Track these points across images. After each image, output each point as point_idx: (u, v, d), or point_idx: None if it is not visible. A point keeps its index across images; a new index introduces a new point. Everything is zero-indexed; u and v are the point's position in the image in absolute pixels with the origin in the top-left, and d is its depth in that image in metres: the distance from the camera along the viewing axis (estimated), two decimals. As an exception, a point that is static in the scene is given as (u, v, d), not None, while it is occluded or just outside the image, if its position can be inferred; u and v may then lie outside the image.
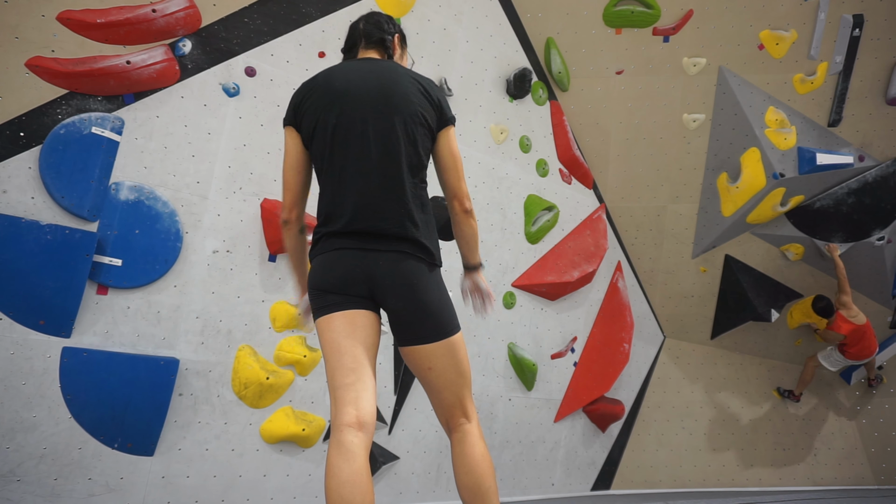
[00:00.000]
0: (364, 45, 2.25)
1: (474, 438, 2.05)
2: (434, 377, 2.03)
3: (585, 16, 5.80)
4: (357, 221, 1.98)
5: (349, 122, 2.02)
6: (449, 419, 2.11)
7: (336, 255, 1.99)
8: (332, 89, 2.06)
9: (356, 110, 2.03)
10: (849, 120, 6.15)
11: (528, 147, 5.71)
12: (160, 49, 3.69)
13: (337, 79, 2.09)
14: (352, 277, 1.97)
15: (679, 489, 6.51)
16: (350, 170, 2.01)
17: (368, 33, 2.25)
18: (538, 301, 5.73)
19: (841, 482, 6.95)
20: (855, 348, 6.47)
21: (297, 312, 2.11)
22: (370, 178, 2.00)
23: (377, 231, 1.98)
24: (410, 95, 2.06)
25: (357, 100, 2.04)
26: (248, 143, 4.03)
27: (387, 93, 2.04)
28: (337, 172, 2.03)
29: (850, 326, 6.35)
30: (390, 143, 2.01)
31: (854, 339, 6.43)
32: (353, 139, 2.02)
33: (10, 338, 3.22)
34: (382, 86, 2.05)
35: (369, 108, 2.03)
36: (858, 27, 5.86)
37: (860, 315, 6.41)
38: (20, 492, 3.20)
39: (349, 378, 1.89)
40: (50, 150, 3.33)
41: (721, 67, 5.93)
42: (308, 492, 4.18)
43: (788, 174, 5.82)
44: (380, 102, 2.03)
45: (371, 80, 2.07)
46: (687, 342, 6.89)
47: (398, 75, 2.10)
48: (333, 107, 2.04)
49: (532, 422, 5.61)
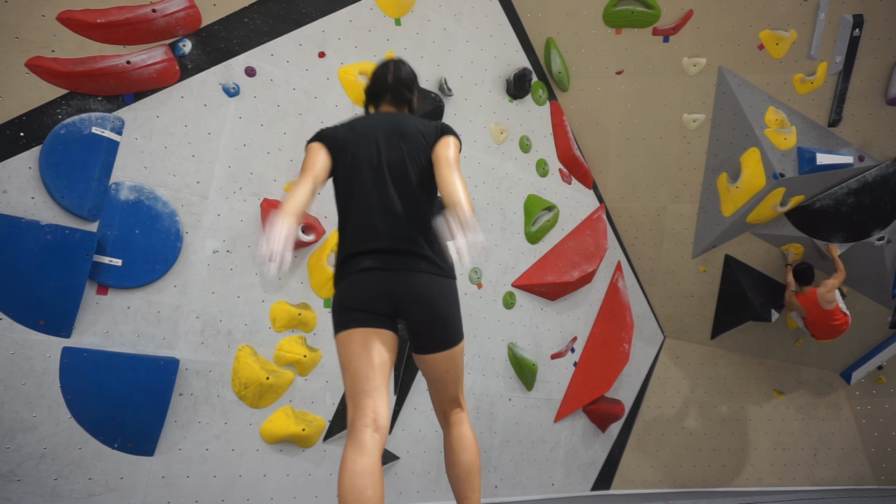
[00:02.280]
0: (389, 100, 2.58)
1: (468, 424, 2.39)
2: (447, 377, 2.32)
3: (585, 16, 5.80)
4: (378, 242, 2.21)
5: (367, 154, 2.33)
6: (448, 410, 2.40)
7: (360, 276, 2.19)
8: (355, 130, 2.42)
9: (373, 145, 2.34)
10: (849, 120, 6.15)
11: (528, 147, 5.71)
12: (160, 49, 3.69)
13: (360, 124, 2.47)
14: (376, 296, 2.17)
15: (679, 489, 6.51)
16: (370, 197, 2.27)
17: (397, 96, 2.57)
18: (538, 301, 5.73)
19: (841, 482, 6.95)
20: (822, 335, 6.37)
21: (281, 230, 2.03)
22: (388, 204, 2.24)
23: (398, 251, 2.19)
24: (417, 133, 2.37)
25: (374, 138, 2.36)
26: (248, 143, 4.03)
27: (399, 132, 2.37)
28: (357, 200, 2.30)
29: (816, 307, 6.16)
30: (403, 171, 2.29)
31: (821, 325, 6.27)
32: (370, 169, 2.30)
33: (10, 338, 3.22)
34: (395, 126, 2.40)
35: (384, 144, 2.33)
36: (858, 27, 5.86)
37: (833, 301, 6.12)
38: (20, 492, 3.20)
39: (368, 386, 2.09)
40: (50, 150, 3.33)
41: (721, 67, 5.93)
42: (308, 492, 4.18)
43: (788, 174, 5.82)
44: (393, 139, 2.35)
45: (387, 124, 2.42)
46: (687, 342, 6.89)
47: (409, 120, 2.45)
48: (356, 143, 2.36)
49: (532, 422, 5.61)
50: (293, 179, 4.19)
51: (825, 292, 6.08)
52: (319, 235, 4.18)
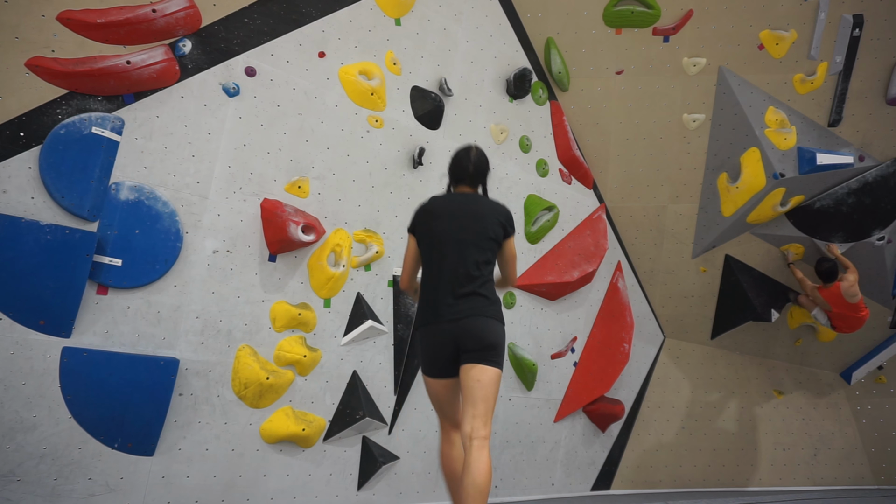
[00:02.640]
0: (468, 182, 3.14)
1: (488, 451, 2.76)
2: (479, 388, 2.77)
3: (585, 16, 5.80)
4: (445, 301, 2.86)
5: (444, 233, 2.96)
6: (473, 429, 2.76)
7: (432, 333, 2.89)
8: (437, 212, 3.04)
9: (451, 225, 2.96)
10: (849, 120, 6.15)
11: (528, 147, 5.71)
12: (160, 49, 3.69)
13: (442, 205, 3.07)
14: (444, 346, 2.85)
15: (679, 489, 6.51)
16: (445, 266, 2.90)
17: (475, 179, 3.15)
18: (538, 301, 5.73)
19: (841, 482, 6.96)
20: (847, 329, 6.47)
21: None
22: (455, 272, 2.88)
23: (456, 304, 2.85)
24: (488, 219, 2.99)
25: (454, 220, 2.98)
26: (248, 143, 4.03)
27: (474, 216, 2.99)
28: (435, 266, 2.94)
29: (841, 301, 6.24)
30: (470, 249, 2.91)
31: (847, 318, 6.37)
32: (446, 244, 2.93)
33: (10, 338, 3.22)
34: (470, 211, 3.01)
35: (458, 225, 2.96)
36: (858, 27, 5.86)
37: (858, 294, 6.23)
38: (20, 492, 3.20)
39: (449, 410, 2.95)
40: (50, 150, 3.33)
41: (721, 67, 5.94)
42: (308, 492, 4.18)
43: (788, 174, 5.82)
44: (468, 222, 2.97)
45: (466, 207, 3.04)
46: (687, 342, 6.89)
47: (484, 206, 3.06)
48: (438, 222, 2.99)
49: (532, 422, 5.62)
50: (293, 180, 4.20)
51: (848, 286, 6.17)
52: (319, 235, 4.18)
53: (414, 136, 4.88)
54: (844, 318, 6.39)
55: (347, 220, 4.48)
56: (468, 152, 3.16)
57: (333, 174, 4.42)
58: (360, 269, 4.53)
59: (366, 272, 4.56)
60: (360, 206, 4.55)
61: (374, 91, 4.60)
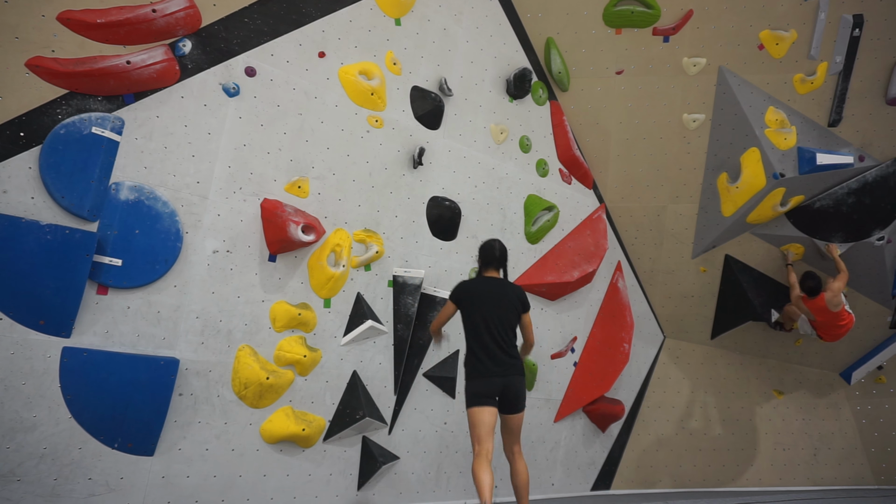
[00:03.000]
0: (494, 267, 4.07)
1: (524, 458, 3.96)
2: (515, 425, 3.89)
3: (585, 16, 5.80)
4: (492, 359, 3.81)
5: (482, 309, 3.89)
6: (513, 447, 3.91)
7: (485, 380, 3.79)
8: (476, 291, 3.96)
9: (486, 304, 3.89)
10: (849, 120, 6.15)
11: (528, 147, 5.71)
12: (160, 49, 3.69)
13: (479, 286, 4.00)
14: (492, 391, 3.79)
15: (679, 489, 6.51)
16: (484, 335, 3.84)
17: (501, 263, 4.09)
18: (538, 301, 5.73)
19: (841, 482, 6.96)
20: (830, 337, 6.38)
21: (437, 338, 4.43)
22: (494, 338, 3.84)
23: (502, 362, 3.82)
24: (511, 299, 3.96)
25: (488, 299, 3.91)
26: (248, 143, 4.03)
27: (501, 296, 3.94)
28: (477, 336, 3.86)
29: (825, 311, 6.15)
30: (503, 321, 3.89)
31: (830, 327, 6.29)
32: (486, 319, 3.86)
33: (10, 338, 3.22)
34: (500, 293, 3.95)
35: (494, 304, 3.90)
36: (858, 27, 5.86)
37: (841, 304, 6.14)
38: (20, 492, 3.20)
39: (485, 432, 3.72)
40: (50, 150, 3.33)
41: (721, 67, 5.93)
42: (308, 492, 4.18)
43: (788, 174, 5.82)
44: (498, 300, 3.91)
45: (495, 290, 3.97)
46: (687, 342, 6.89)
47: (507, 288, 4.00)
48: (476, 301, 3.92)
49: (532, 422, 5.62)
50: (293, 180, 4.20)
51: (832, 297, 6.10)
52: (319, 235, 4.18)
53: (414, 136, 4.88)
54: (827, 328, 6.34)
55: (347, 220, 4.48)
56: (494, 243, 4.12)
57: (333, 174, 4.42)
58: (360, 269, 4.53)
59: (366, 272, 4.56)
60: (360, 206, 4.56)
61: (374, 91, 4.60)
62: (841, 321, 6.24)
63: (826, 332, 6.38)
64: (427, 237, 4.95)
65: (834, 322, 6.24)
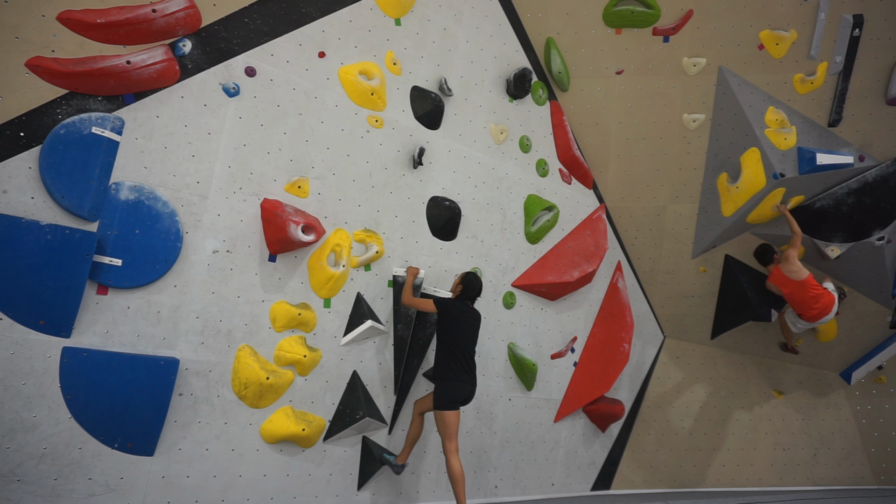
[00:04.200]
0: (471, 299, 4.59)
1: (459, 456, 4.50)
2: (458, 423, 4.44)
3: (585, 16, 5.80)
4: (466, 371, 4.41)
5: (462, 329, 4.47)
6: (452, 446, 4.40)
7: (460, 386, 4.39)
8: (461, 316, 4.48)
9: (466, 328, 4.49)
10: (849, 120, 6.15)
11: (528, 147, 5.71)
12: (160, 49, 3.69)
13: (464, 313, 4.52)
14: (463, 397, 4.42)
15: (679, 489, 6.51)
16: (462, 351, 4.43)
17: (476, 297, 4.62)
18: (538, 301, 5.73)
19: (841, 482, 6.95)
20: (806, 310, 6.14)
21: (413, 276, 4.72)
22: (466, 356, 4.44)
23: (472, 375, 4.46)
24: (478, 328, 4.58)
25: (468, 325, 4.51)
26: (248, 143, 4.03)
27: (476, 326, 4.57)
28: (456, 349, 4.41)
29: (788, 281, 6.07)
30: (473, 343, 4.53)
31: (799, 298, 6.10)
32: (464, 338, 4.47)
33: (10, 338, 3.22)
34: (475, 324, 4.57)
35: (471, 329, 4.53)
36: (858, 27, 5.86)
37: (801, 271, 6.04)
38: (20, 492, 3.20)
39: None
40: (50, 150, 3.33)
41: (721, 67, 5.93)
42: (308, 492, 4.18)
43: (788, 174, 5.82)
44: (474, 329, 4.55)
45: (473, 321, 4.56)
46: (687, 342, 6.89)
47: (478, 320, 4.61)
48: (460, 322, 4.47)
49: (532, 422, 5.62)
50: (293, 180, 4.20)
51: (786, 263, 6.01)
52: (319, 235, 4.18)
53: (414, 136, 4.88)
54: (800, 299, 6.10)
55: (347, 220, 4.48)
56: (476, 279, 4.60)
57: (333, 174, 4.42)
58: (360, 269, 4.53)
59: (366, 272, 4.56)
60: (360, 206, 4.56)
61: (374, 91, 4.60)
62: (811, 290, 6.03)
63: (801, 304, 6.13)
64: (427, 237, 4.95)
65: (802, 293, 6.05)
